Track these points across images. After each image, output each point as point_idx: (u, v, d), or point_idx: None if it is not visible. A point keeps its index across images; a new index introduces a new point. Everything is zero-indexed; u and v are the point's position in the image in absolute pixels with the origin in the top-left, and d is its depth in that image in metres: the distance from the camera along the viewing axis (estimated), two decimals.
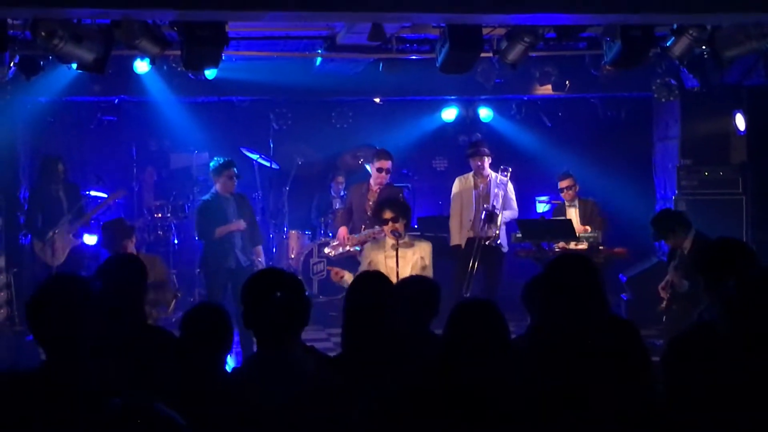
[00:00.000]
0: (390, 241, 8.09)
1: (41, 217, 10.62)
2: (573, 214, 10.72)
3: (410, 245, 8.10)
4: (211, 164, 9.55)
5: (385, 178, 10.11)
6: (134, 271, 4.87)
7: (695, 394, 3.37)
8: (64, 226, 10.56)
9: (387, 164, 10.11)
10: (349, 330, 4.42)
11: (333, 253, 10.15)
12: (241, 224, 9.38)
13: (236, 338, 5.30)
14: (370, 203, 10.07)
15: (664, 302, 8.56)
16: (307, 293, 3.92)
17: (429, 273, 7.98)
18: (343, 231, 10.18)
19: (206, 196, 9.62)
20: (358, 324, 4.42)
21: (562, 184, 10.85)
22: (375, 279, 4.78)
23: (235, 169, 9.46)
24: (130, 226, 9.11)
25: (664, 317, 8.55)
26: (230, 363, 4.65)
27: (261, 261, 9.52)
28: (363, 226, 10.01)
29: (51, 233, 10.43)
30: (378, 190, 10.13)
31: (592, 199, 10.90)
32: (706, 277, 4.76)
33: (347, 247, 10.02)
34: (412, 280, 5.51)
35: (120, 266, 4.95)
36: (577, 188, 10.85)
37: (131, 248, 8.52)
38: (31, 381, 3.12)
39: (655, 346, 7.44)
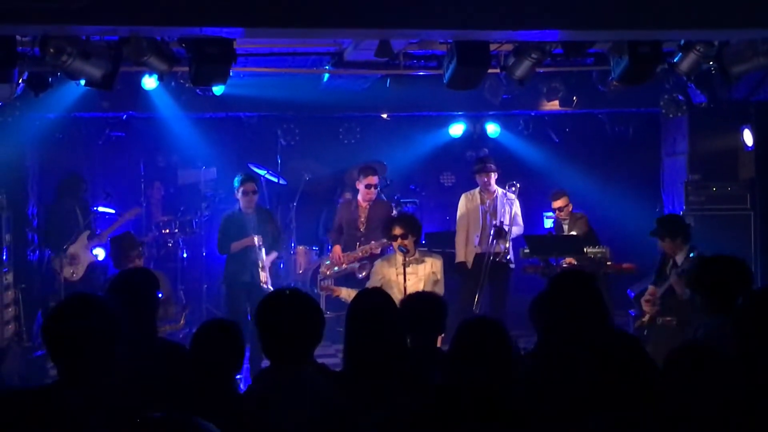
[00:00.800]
0: (400, 257, 8.15)
1: (57, 233, 10.67)
2: (566, 231, 10.72)
3: (421, 261, 8.21)
4: (234, 181, 9.74)
5: (374, 193, 10.23)
6: (146, 285, 4.86)
7: (692, 414, 3.35)
8: (83, 242, 10.64)
9: (375, 180, 10.26)
10: (350, 347, 4.39)
11: (328, 272, 10.18)
12: (255, 240, 9.44)
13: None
14: (362, 220, 10.20)
15: (647, 316, 8.52)
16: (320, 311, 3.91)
17: (441, 288, 8.06)
18: (337, 249, 10.23)
19: (228, 212, 9.83)
20: (359, 341, 4.37)
21: (557, 203, 10.81)
22: (376, 296, 4.75)
23: (251, 185, 9.61)
24: (138, 240, 9.13)
25: (646, 331, 8.48)
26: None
27: (264, 266, 9.47)
28: (358, 243, 10.06)
29: (66, 245, 10.56)
30: (368, 206, 10.22)
31: (581, 213, 10.87)
32: (707, 296, 4.75)
33: (343, 266, 10.06)
34: (419, 296, 5.51)
35: (132, 280, 4.93)
36: (571, 207, 10.83)
37: (139, 262, 8.53)
38: (42, 398, 3.12)
39: None
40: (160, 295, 4.91)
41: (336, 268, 10.15)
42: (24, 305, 10.40)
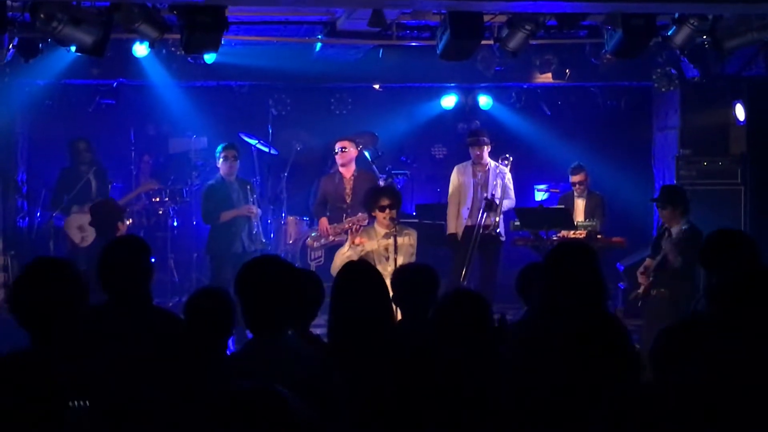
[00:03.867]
0: (380, 229, 8.30)
1: (67, 197, 10.61)
2: (580, 205, 10.71)
3: (401, 233, 8.28)
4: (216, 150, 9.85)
5: (346, 156, 10.21)
6: (135, 252, 4.81)
7: (687, 386, 3.36)
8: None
9: (344, 142, 10.30)
10: (335, 319, 4.38)
11: (316, 244, 10.18)
12: (252, 209, 9.65)
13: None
14: (348, 191, 10.19)
15: (642, 288, 8.54)
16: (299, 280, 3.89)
17: (413, 260, 8.18)
18: (324, 222, 10.22)
19: (211, 181, 9.93)
20: (344, 312, 4.36)
21: (575, 178, 10.77)
22: (362, 267, 4.73)
23: (232, 151, 9.75)
24: (120, 206, 9.05)
25: (640, 303, 8.51)
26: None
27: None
28: (344, 215, 10.06)
29: (72, 208, 10.54)
30: (352, 178, 10.22)
31: (599, 194, 10.86)
32: (708, 268, 4.77)
33: (331, 238, 10.06)
34: (411, 267, 5.52)
35: (121, 248, 4.88)
36: (589, 181, 10.82)
37: (123, 230, 8.43)
38: (19, 363, 3.10)
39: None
40: (152, 261, 4.88)
41: (323, 240, 10.16)
42: (14, 271, 10.39)
